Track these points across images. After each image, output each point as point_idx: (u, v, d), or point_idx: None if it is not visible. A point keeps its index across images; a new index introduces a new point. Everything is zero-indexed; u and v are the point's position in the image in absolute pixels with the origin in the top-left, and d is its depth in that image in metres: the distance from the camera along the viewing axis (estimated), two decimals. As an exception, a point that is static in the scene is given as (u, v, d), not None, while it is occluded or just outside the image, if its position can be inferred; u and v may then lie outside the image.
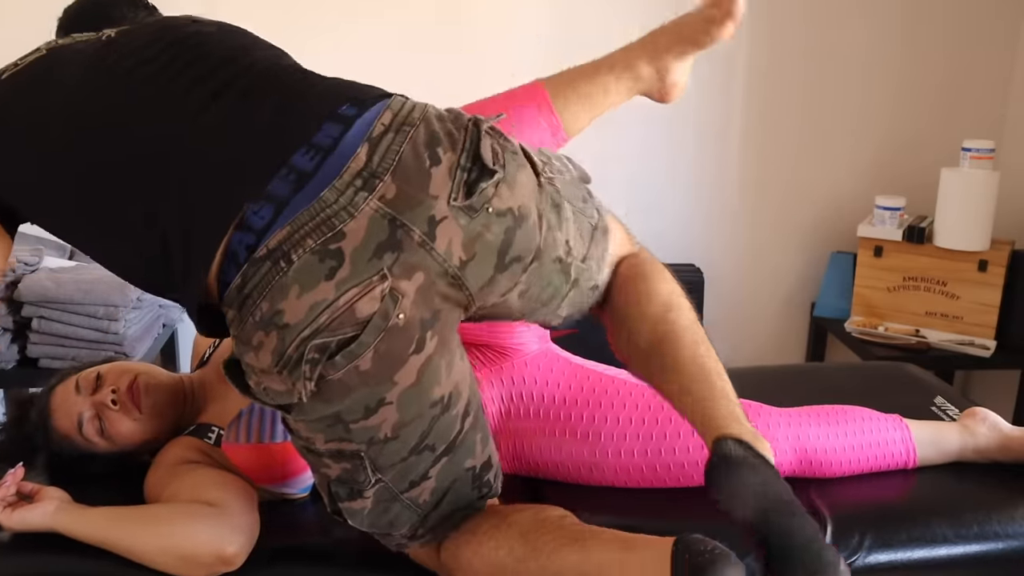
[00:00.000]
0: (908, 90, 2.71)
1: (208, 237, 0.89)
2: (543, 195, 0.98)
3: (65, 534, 1.16)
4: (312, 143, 0.90)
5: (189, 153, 0.91)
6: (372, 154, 0.90)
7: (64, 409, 1.32)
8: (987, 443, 1.38)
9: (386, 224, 0.88)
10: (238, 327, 0.91)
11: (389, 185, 0.88)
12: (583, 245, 1.05)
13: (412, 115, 0.94)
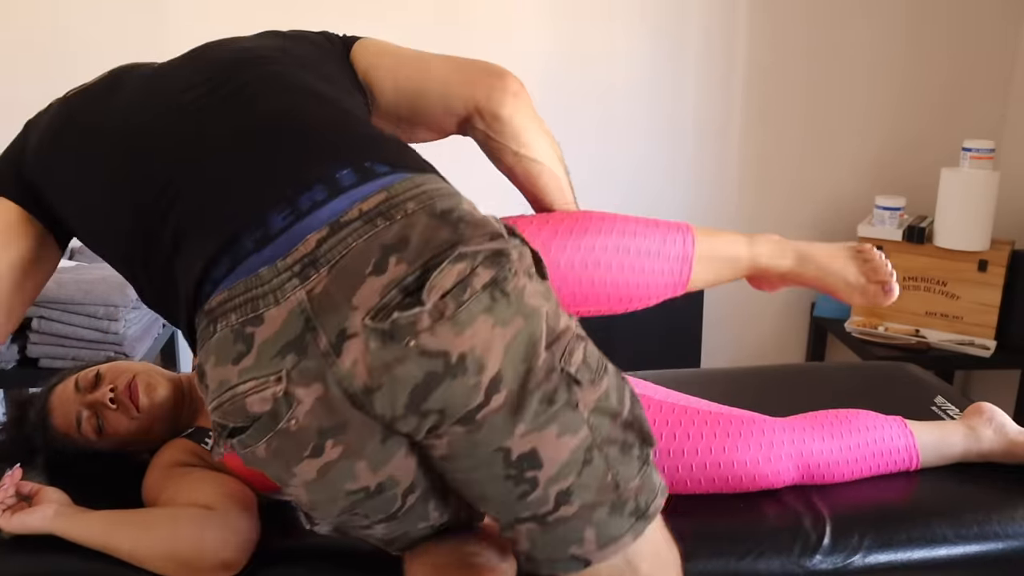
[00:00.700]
0: (908, 90, 2.71)
1: (189, 279, 0.87)
2: (536, 371, 0.81)
3: (64, 538, 1.16)
4: (293, 203, 0.85)
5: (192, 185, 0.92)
6: (326, 240, 0.82)
7: (63, 408, 1.32)
8: (991, 447, 1.37)
9: (301, 322, 0.80)
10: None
11: (322, 279, 0.80)
12: (572, 489, 0.84)
13: (406, 204, 0.84)
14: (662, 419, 1.31)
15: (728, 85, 2.68)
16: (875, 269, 1.29)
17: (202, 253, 0.86)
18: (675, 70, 2.66)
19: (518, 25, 2.58)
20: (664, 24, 2.62)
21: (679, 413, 1.32)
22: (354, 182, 0.86)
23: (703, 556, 1.20)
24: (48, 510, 1.17)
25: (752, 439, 1.30)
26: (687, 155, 2.73)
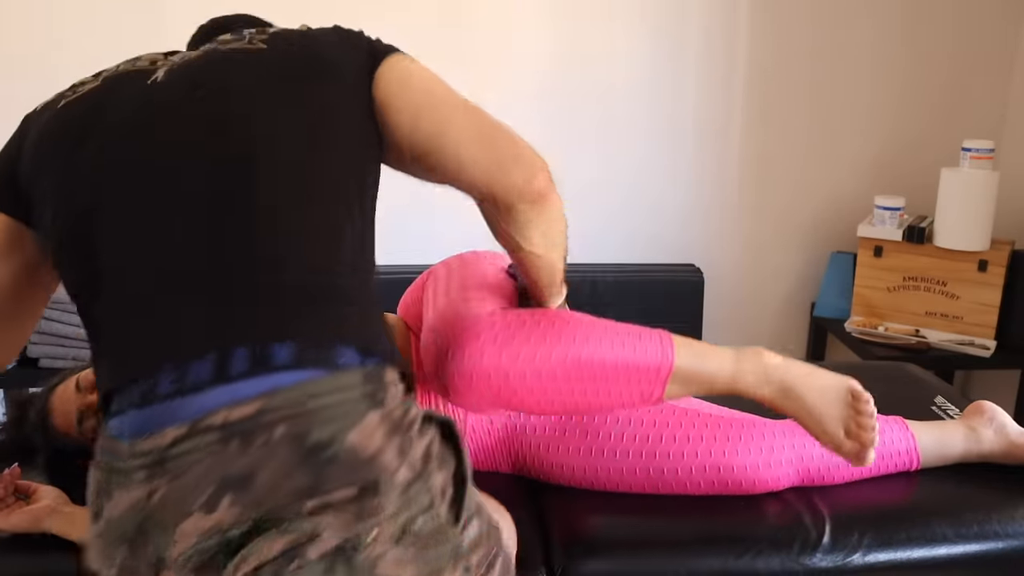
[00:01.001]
0: (908, 90, 2.71)
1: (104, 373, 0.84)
2: None
3: (62, 537, 1.16)
4: (183, 370, 0.75)
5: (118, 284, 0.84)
6: (180, 442, 0.73)
7: (63, 408, 1.32)
8: (991, 448, 1.37)
9: (137, 521, 0.74)
10: None
11: (161, 489, 0.73)
12: None
13: (275, 428, 0.72)
14: (662, 420, 1.30)
15: (728, 85, 2.69)
16: (861, 425, 1.14)
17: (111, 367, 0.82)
18: (675, 70, 2.66)
19: (518, 25, 2.58)
20: (664, 24, 2.62)
21: (679, 415, 1.32)
22: (242, 372, 0.74)
23: (703, 554, 1.20)
24: (46, 509, 1.17)
25: (752, 443, 1.30)
26: (687, 155, 2.73)
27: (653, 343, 1.12)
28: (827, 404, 1.16)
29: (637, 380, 1.11)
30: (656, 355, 1.11)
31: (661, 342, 1.13)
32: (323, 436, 0.73)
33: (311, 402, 0.73)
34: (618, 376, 1.10)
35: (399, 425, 0.78)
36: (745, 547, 1.21)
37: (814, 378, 1.19)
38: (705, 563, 1.20)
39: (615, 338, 1.11)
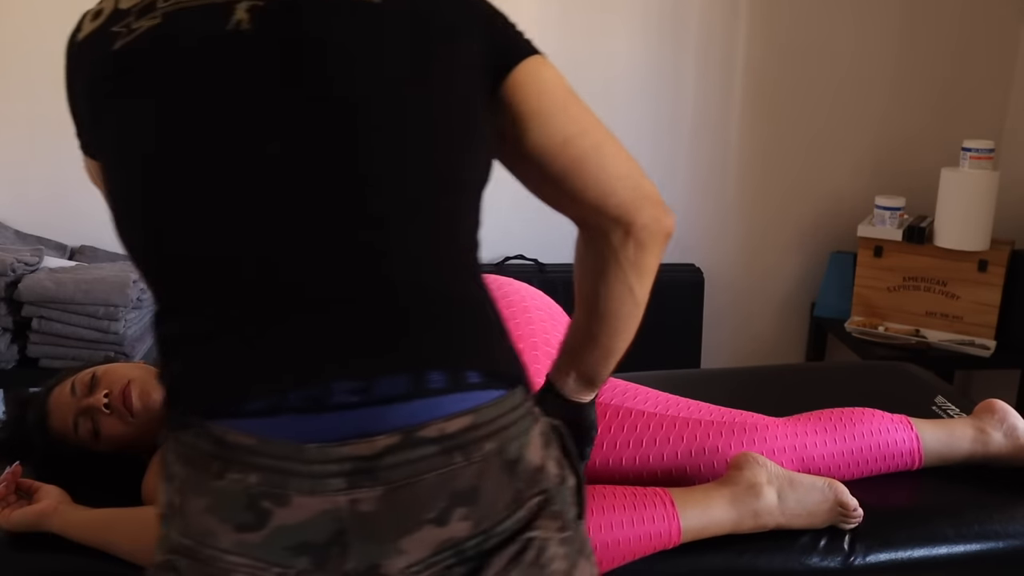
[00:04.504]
0: (908, 90, 2.71)
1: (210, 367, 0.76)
2: None
3: (63, 535, 1.16)
4: (369, 381, 0.72)
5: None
6: (392, 451, 0.71)
7: (59, 411, 1.32)
8: (998, 451, 1.36)
9: (331, 530, 0.71)
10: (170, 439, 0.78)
11: (373, 498, 0.71)
12: None
13: (484, 443, 0.74)
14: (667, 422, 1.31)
15: (728, 85, 2.68)
16: (847, 523, 1.24)
17: (242, 361, 0.74)
18: (675, 70, 2.66)
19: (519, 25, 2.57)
20: (664, 24, 2.62)
21: (681, 418, 1.33)
22: (442, 388, 0.73)
23: (704, 552, 1.20)
24: (47, 507, 1.17)
25: (754, 444, 1.30)
26: (687, 155, 2.73)
27: (658, 513, 1.19)
28: (819, 522, 1.24)
29: (646, 550, 1.19)
30: (663, 528, 1.19)
31: (666, 515, 1.19)
32: (513, 451, 0.76)
33: (502, 419, 0.76)
34: (632, 553, 1.18)
35: (547, 435, 0.81)
36: (746, 546, 1.21)
37: (803, 507, 1.23)
38: (707, 561, 1.20)
39: (622, 516, 1.18)
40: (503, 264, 2.70)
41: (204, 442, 0.72)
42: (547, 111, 0.87)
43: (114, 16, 0.82)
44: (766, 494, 1.20)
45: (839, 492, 1.22)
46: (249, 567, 0.71)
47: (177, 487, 0.74)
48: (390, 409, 0.72)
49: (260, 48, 0.76)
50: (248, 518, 0.70)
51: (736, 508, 1.20)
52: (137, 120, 0.78)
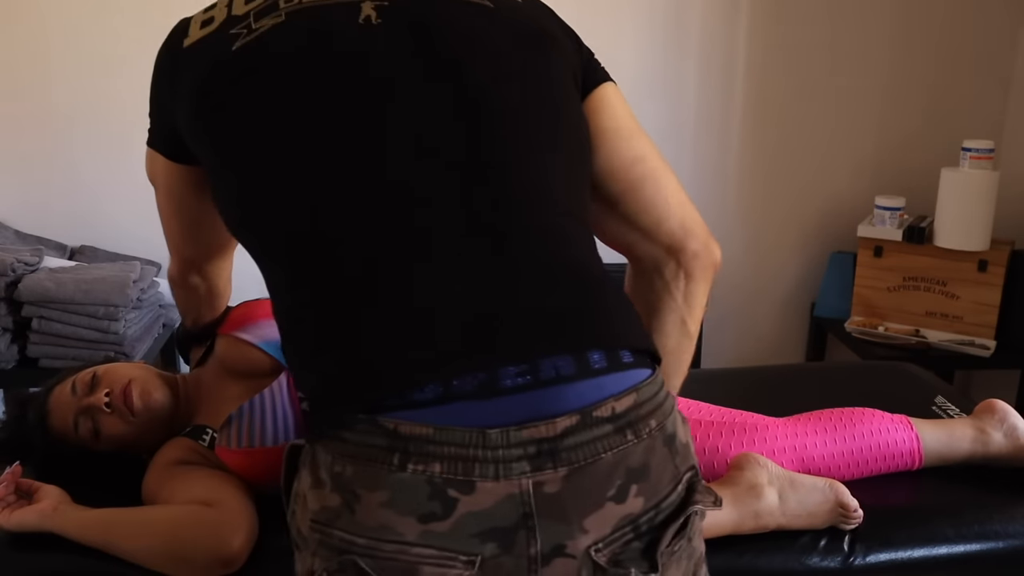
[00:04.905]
0: (908, 90, 2.71)
1: (368, 357, 0.75)
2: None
3: (64, 536, 1.16)
4: (534, 364, 0.73)
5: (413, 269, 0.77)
6: (572, 432, 0.72)
7: (60, 410, 1.32)
8: (998, 451, 1.35)
9: (518, 514, 0.71)
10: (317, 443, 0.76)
11: (557, 479, 0.71)
12: None
13: (649, 419, 0.76)
14: None
15: (728, 85, 2.68)
16: (847, 524, 1.23)
17: (404, 351, 0.73)
18: (675, 70, 2.66)
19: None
20: (664, 25, 2.62)
21: None
22: (604, 368, 0.75)
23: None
24: (47, 508, 1.17)
25: (754, 443, 1.30)
26: (687, 155, 2.73)
27: None
28: (820, 523, 1.23)
29: None
30: None
31: None
32: (670, 427, 0.78)
33: (657, 397, 0.78)
34: None
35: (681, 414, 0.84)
36: (747, 546, 1.21)
37: (804, 508, 1.22)
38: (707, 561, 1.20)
39: None
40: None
41: (375, 437, 0.71)
42: (618, 133, 0.92)
43: (229, 21, 0.86)
44: (767, 495, 1.20)
45: (840, 493, 1.22)
46: (436, 557, 0.71)
47: (341, 487, 0.73)
48: (562, 390, 0.73)
49: (391, 40, 0.81)
50: (433, 508, 0.70)
51: (737, 509, 1.20)
52: (271, 110, 0.80)
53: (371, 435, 0.71)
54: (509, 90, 0.82)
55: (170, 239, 1.15)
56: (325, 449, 0.74)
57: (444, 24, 0.83)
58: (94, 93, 2.51)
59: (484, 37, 0.84)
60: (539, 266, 0.78)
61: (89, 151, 2.54)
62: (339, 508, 0.72)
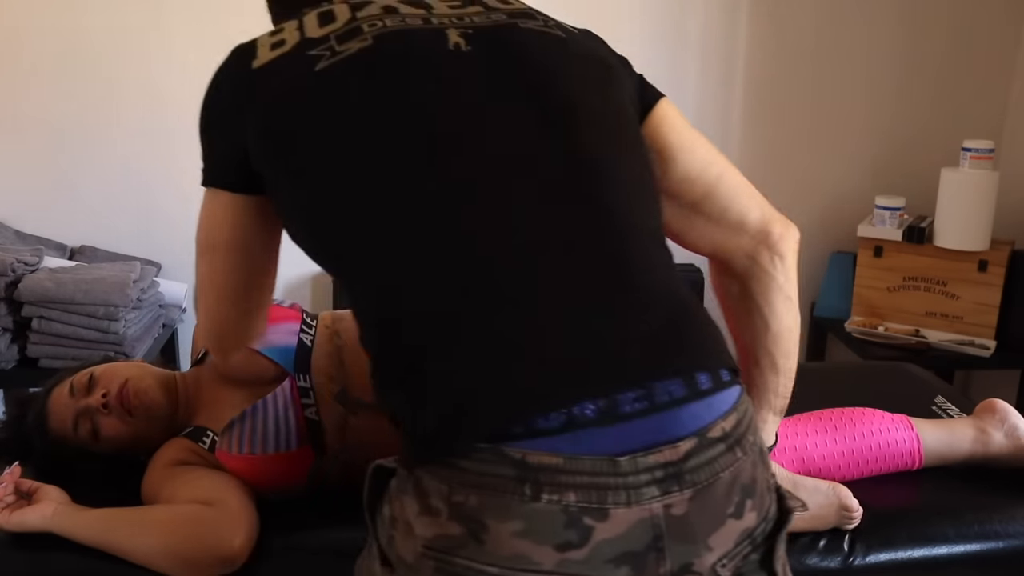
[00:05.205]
0: (908, 90, 2.71)
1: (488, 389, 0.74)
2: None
3: (63, 536, 1.16)
4: (649, 388, 0.74)
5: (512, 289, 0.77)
6: (693, 454, 0.74)
7: (59, 412, 1.32)
8: (999, 451, 1.35)
9: (649, 538, 0.72)
10: (423, 469, 0.76)
11: (683, 501, 0.73)
12: None
13: (748, 435, 0.79)
14: None
15: (728, 85, 2.68)
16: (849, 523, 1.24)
17: (523, 380, 0.74)
18: (675, 70, 2.66)
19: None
20: (664, 24, 2.62)
21: None
22: (709, 388, 0.77)
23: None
24: (47, 508, 1.17)
25: None
26: (687, 155, 2.73)
27: None
28: (822, 525, 1.24)
29: None
30: None
31: None
32: (760, 441, 0.82)
33: (750, 412, 0.82)
34: None
35: None
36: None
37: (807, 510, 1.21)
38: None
39: None
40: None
41: (501, 467, 0.71)
42: (686, 143, 0.96)
43: (305, 43, 0.85)
44: None
45: (843, 495, 1.22)
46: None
47: (462, 516, 0.73)
48: (677, 414, 0.75)
49: (481, 65, 0.84)
50: (570, 536, 0.71)
51: None
52: (364, 133, 0.80)
53: (495, 464, 0.71)
54: (590, 117, 0.85)
55: (218, 307, 0.98)
56: (434, 476, 0.74)
57: (526, 52, 0.87)
58: (94, 93, 2.51)
59: (563, 65, 0.87)
60: (638, 290, 0.80)
61: (89, 151, 2.55)
62: (462, 537, 0.72)
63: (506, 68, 0.85)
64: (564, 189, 0.81)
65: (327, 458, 1.29)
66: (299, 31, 0.88)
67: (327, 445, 1.28)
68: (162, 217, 2.61)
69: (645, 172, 0.89)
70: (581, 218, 0.80)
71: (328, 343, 1.33)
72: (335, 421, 1.28)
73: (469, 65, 0.84)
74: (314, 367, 1.30)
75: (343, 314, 1.41)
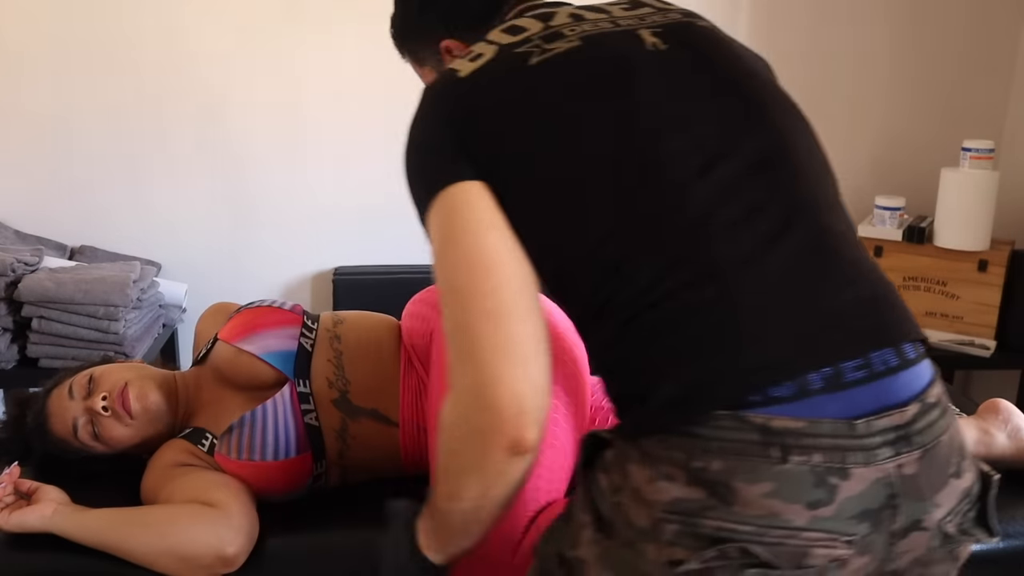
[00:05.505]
0: (908, 90, 2.71)
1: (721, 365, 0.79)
2: None
3: (63, 536, 1.15)
4: (867, 357, 0.80)
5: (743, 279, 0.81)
6: (918, 419, 0.80)
7: (59, 414, 1.32)
8: (1002, 452, 1.34)
9: (884, 496, 0.78)
10: (650, 439, 0.80)
11: (912, 461, 0.79)
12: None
13: (949, 403, 0.86)
14: None
15: (728, 85, 2.68)
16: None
17: (757, 351, 0.79)
18: (675, 70, 2.66)
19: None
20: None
21: None
22: (914, 358, 0.83)
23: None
24: (47, 508, 1.17)
25: None
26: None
27: None
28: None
29: None
30: None
31: None
32: (954, 409, 0.88)
33: (941, 382, 0.87)
34: None
35: None
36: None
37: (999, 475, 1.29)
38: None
39: None
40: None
41: (744, 433, 0.76)
42: None
43: (508, 47, 0.91)
44: None
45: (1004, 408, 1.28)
46: (824, 540, 0.76)
47: (703, 481, 0.77)
48: (894, 381, 0.80)
49: (680, 61, 0.91)
50: (820, 495, 0.76)
51: None
52: (589, 122, 0.86)
53: (737, 431, 0.76)
54: (778, 102, 0.93)
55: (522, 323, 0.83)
56: (665, 445, 0.78)
57: (711, 46, 0.94)
58: (94, 93, 2.51)
59: (740, 56, 0.95)
60: (849, 265, 0.85)
61: (89, 151, 2.55)
62: (706, 500, 0.76)
63: (703, 62, 0.92)
64: (777, 171, 0.87)
65: (327, 463, 1.29)
66: (493, 44, 0.93)
67: (327, 451, 1.28)
68: (162, 217, 2.62)
69: (823, 152, 0.96)
70: (794, 196, 0.86)
71: (328, 348, 1.33)
72: (335, 427, 1.28)
73: (673, 62, 0.91)
74: (314, 372, 1.30)
75: (344, 315, 1.41)
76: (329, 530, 1.23)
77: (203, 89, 2.54)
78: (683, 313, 0.80)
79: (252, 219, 2.67)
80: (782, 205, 0.85)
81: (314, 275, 2.74)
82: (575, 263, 0.85)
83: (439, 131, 0.89)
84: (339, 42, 2.53)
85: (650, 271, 0.81)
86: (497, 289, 0.83)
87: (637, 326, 0.81)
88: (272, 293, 2.71)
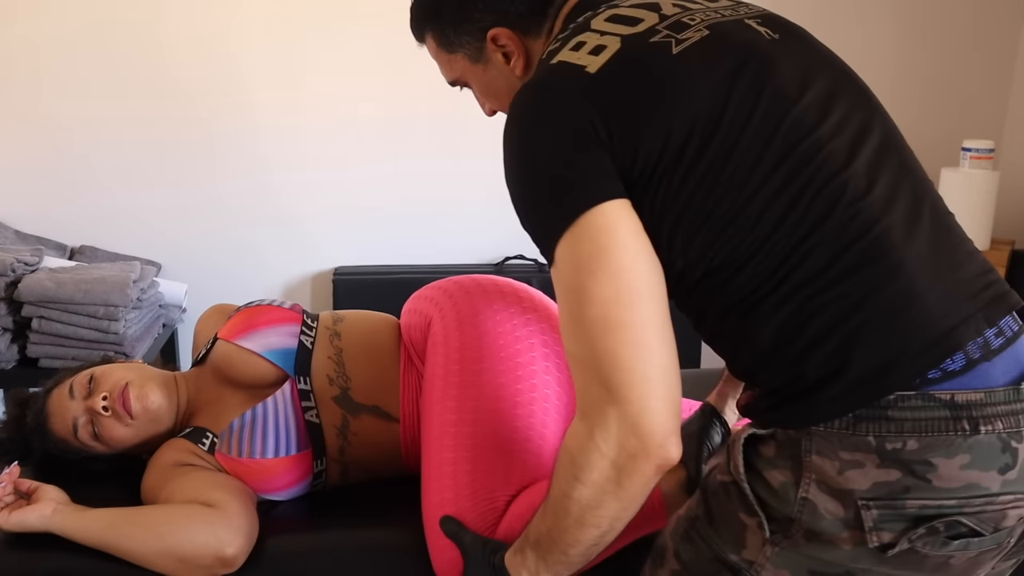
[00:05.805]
0: (908, 90, 2.71)
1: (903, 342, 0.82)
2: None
3: (63, 536, 1.15)
4: (998, 325, 0.84)
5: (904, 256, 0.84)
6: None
7: (59, 414, 1.32)
8: None
9: None
10: (829, 427, 0.82)
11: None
12: None
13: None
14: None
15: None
16: None
17: (931, 329, 0.81)
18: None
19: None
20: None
21: None
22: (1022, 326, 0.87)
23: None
24: (47, 508, 1.17)
25: None
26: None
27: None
28: None
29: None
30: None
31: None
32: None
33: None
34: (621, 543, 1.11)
35: None
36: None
37: None
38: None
39: None
40: (503, 264, 2.70)
41: (933, 410, 0.80)
42: None
43: (636, 37, 0.88)
44: None
45: None
46: (1014, 501, 0.81)
47: (899, 461, 0.79)
48: (1020, 345, 0.85)
49: (796, 50, 0.95)
50: (1007, 459, 0.80)
51: None
52: (744, 110, 0.85)
53: (926, 409, 0.79)
54: (864, 89, 0.98)
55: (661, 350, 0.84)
56: (851, 431, 0.81)
57: (804, 36, 1.01)
58: (94, 93, 2.51)
59: (820, 46, 1.02)
60: (961, 240, 0.89)
61: (89, 152, 2.55)
62: (904, 480, 0.80)
63: (811, 49, 0.97)
64: (896, 151, 0.92)
65: (327, 461, 1.29)
66: (610, 35, 0.88)
67: (327, 448, 1.28)
68: (162, 217, 2.62)
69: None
70: (913, 176, 0.90)
71: (329, 345, 1.34)
72: (336, 424, 1.28)
73: (792, 50, 0.94)
74: (314, 369, 1.30)
75: (344, 314, 1.41)
76: (329, 530, 1.23)
77: (203, 90, 2.54)
78: (860, 299, 0.82)
79: (252, 219, 2.67)
80: (910, 184, 0.88)
81: (314, 275, 2.75)
82: (741, 254, 0.84)
83: (571, 140, 0.83)
84: (339, 42, 2.53)
85: (823, 254, 0.82)
86: (646, 322, 0.82)
87: (802, 313, 0.83)
88: (272, 293, 2.71)
